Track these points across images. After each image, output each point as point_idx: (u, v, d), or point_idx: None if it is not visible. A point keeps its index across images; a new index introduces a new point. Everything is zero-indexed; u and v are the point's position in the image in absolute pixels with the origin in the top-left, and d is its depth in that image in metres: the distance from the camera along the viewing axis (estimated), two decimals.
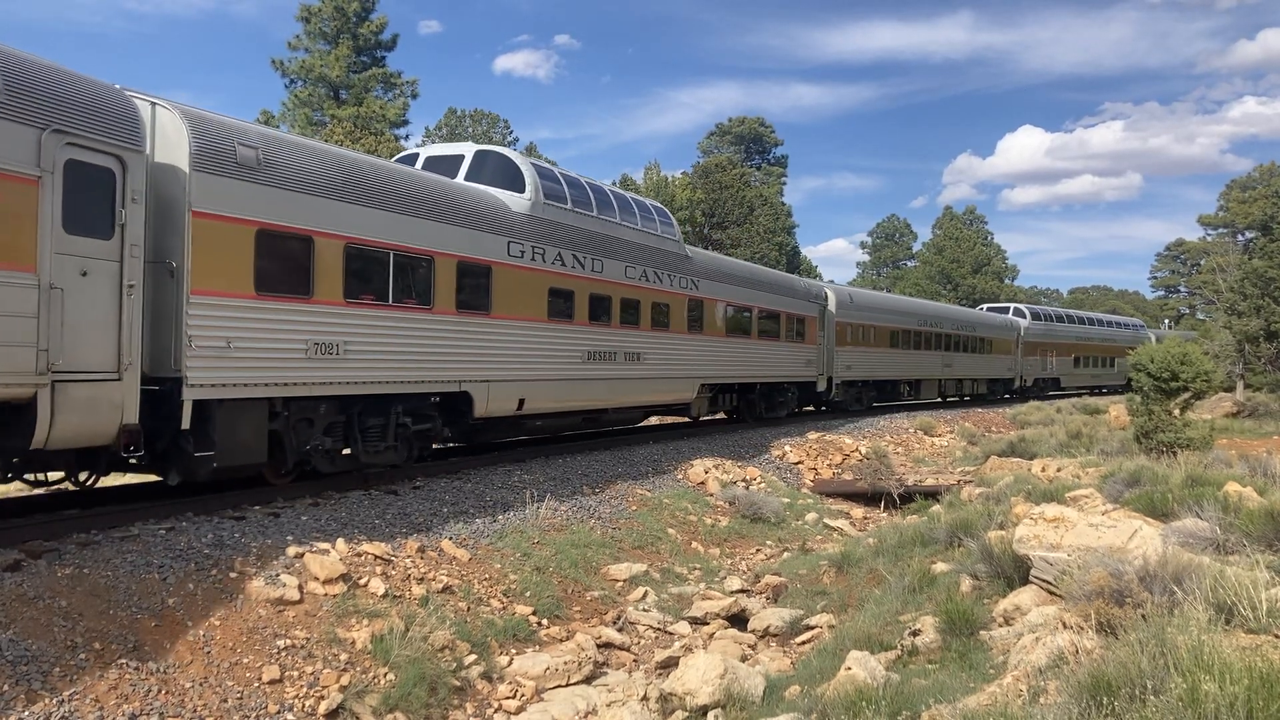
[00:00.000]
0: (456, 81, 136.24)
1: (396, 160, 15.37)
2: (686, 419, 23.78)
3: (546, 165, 16.47)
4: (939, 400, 39.51)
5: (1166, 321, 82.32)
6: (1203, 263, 77.38)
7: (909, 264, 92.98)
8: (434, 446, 14.73)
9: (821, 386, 28.32)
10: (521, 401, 14.59)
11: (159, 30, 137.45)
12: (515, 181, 15.32)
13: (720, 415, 25.43)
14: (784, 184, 79.97)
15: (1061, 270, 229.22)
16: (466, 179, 15.09)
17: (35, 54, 8.19)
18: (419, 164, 15.61)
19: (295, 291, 10.57)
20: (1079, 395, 48.50)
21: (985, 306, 53.24)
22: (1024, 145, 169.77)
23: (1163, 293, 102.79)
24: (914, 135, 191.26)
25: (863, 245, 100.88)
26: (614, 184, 57.34)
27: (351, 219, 11.35)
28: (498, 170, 15.44)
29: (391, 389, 12.11)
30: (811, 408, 30.42)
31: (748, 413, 25.10)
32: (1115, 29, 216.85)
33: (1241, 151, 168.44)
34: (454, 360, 13.14)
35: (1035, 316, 48.62)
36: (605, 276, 16.97)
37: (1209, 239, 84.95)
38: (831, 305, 28.98)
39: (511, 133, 57.50)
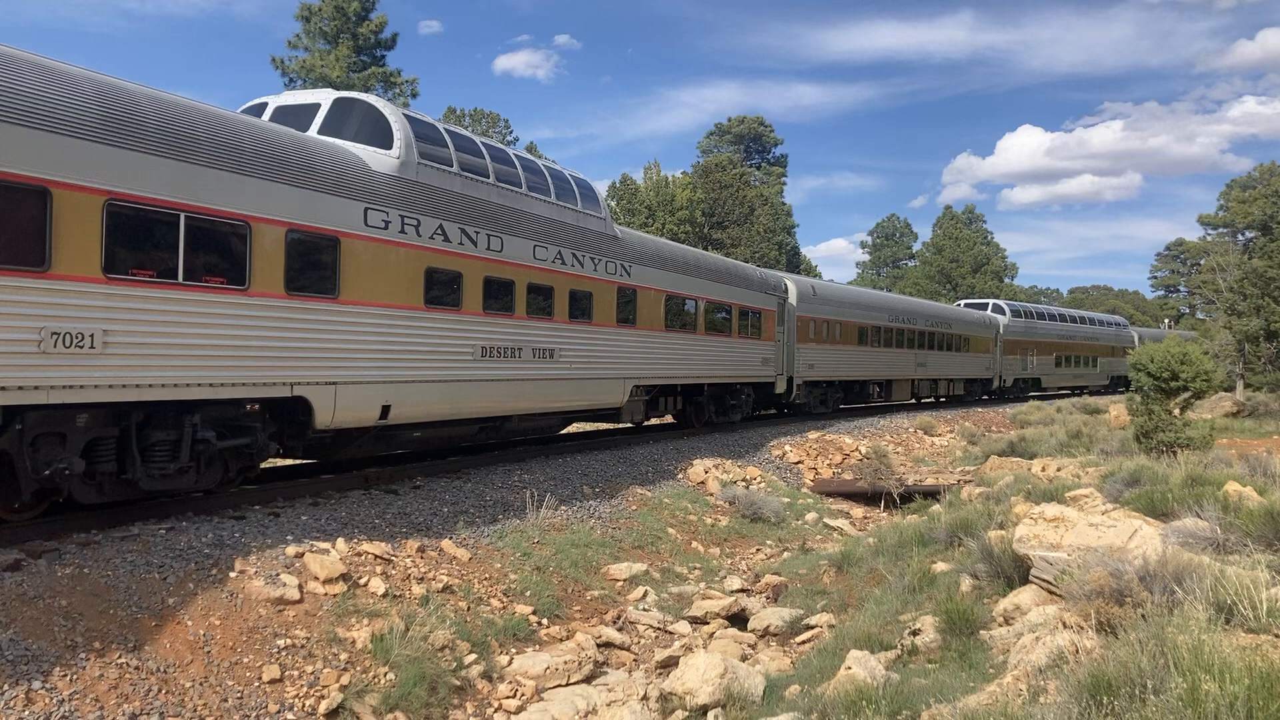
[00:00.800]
0: (456, 81, 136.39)
1: (242, 111, 12.49)
2: (615, 425, 20.68)
3: (429, 120, 13.43)
4: (912, 402, 37.19)
5: (1166, 321, 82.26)
6: (1203, 262, 77.40)
7: (909, 264, 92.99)
8: (262, 466, 11.84)
9: (781, 388, 25.81)
10: (386, 409, 11.79)
11: (160, 30, 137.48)
12: (382, 136, 12.44)
13: (667, 419, 23.25)
14: (784, 184, 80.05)
15: (1062, 270, 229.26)
16: (322, 133, 12.26)
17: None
18: (266, 115, 12.69)
19: (19, 263, 7.81)
20: (1060, 397, 46.42)
21: (963, 302, 50.95)
22: (1024, 145, 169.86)
23: (1163, 292, 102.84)
24: (914, 135, 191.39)
25: (863, 245, 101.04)
26: (615, 184, 57.55)
27: (115, 167, 8.56)
28: (362, 122, 12.60)
29: (183, 394, 9.25)
30: (773, 411, 28.47)
31: (695, 417, 22.50)
32: (1116, 29, 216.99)
33: (1241, 151, 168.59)
34: (281, 357, 10.29)
35: (1015, 313, 46.32)
36: (507, 257, 14.08)
37: (1209, 239, 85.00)
38: (792, 298, 26.60)
39: (511, 132, 57.52)
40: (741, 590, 12.60)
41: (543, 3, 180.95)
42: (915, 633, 8.16)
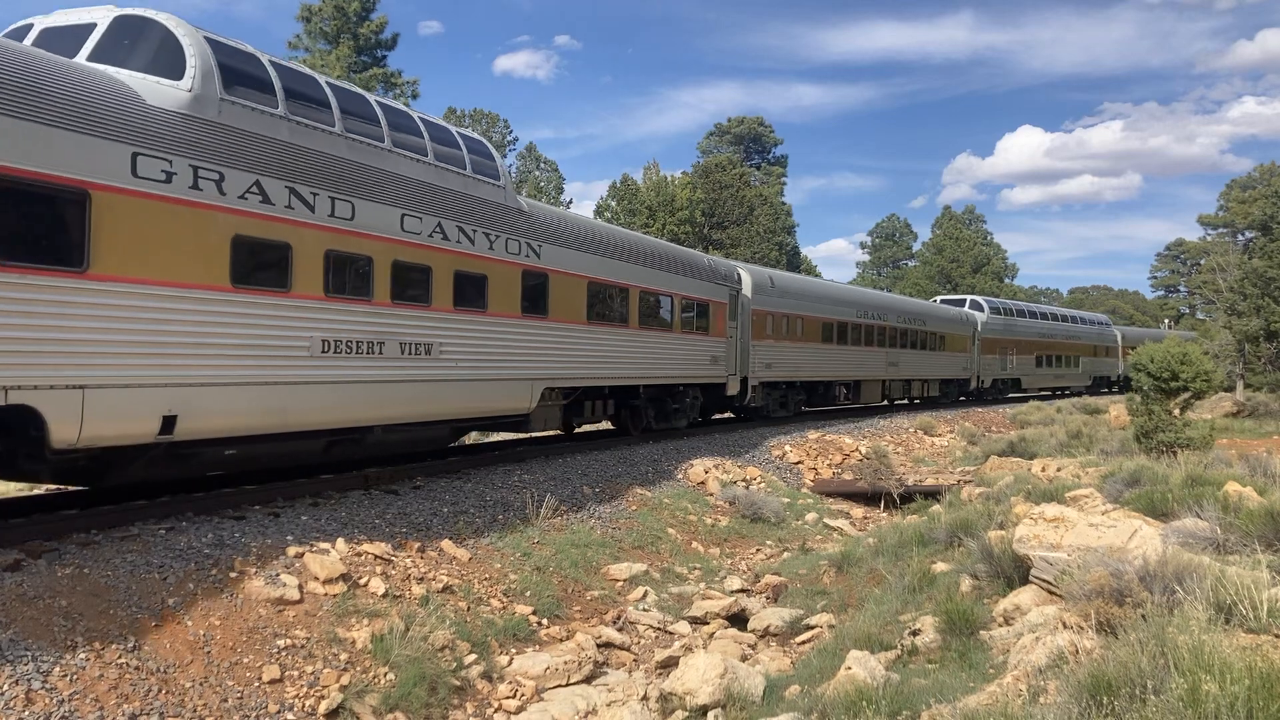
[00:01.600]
0: (457, 82, 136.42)
1: (4, 34, 10.24)
2: (523, 435, 17.87)
3: (249, 50, 10.69)
4: (885, 404, 35.12)
5: (1166, 322, 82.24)
6: (1203, 263, 77.42)
7: (909, 264, 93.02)
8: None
9: (733, 389, 23.18)
10: (170, 420, 8.95)
11: None
12: (170, 63, 9.60)
13: (604, 425, 21.01)
14: (784, 184, 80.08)
15: (1062, 270, 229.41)
16: (95, 59, 9.50)
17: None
18: (30, 39, 9.97)
19: None
20: (1041, 398, 45.18)
21: (939, 298, 48.51)
22: (1023, 145, 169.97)
23: (1163, 293, 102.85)
24: (914, 135, 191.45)
25: (863, 245, 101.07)
26: (615, 184, 57.52)
27: None
28: (146, 46, 9.75)
29: None
30: (728, 415, 26.16)
31: (631, 423, 19.97)
32: (1117, 29, 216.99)
33: (1241, 151, 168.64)
34: None
35: (994, 310, 43.92)
36: (361, 227, 11.32)
37: (1209, 239, 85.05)
38: (747, 290, 24.12)
39: (511, 132, 57.58)
40: (741, 590, 12.60)
41: (543, 3, 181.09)
42: (915, 633, 8.16)
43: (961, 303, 44.10)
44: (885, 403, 34.88)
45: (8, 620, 6.71)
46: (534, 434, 17.62)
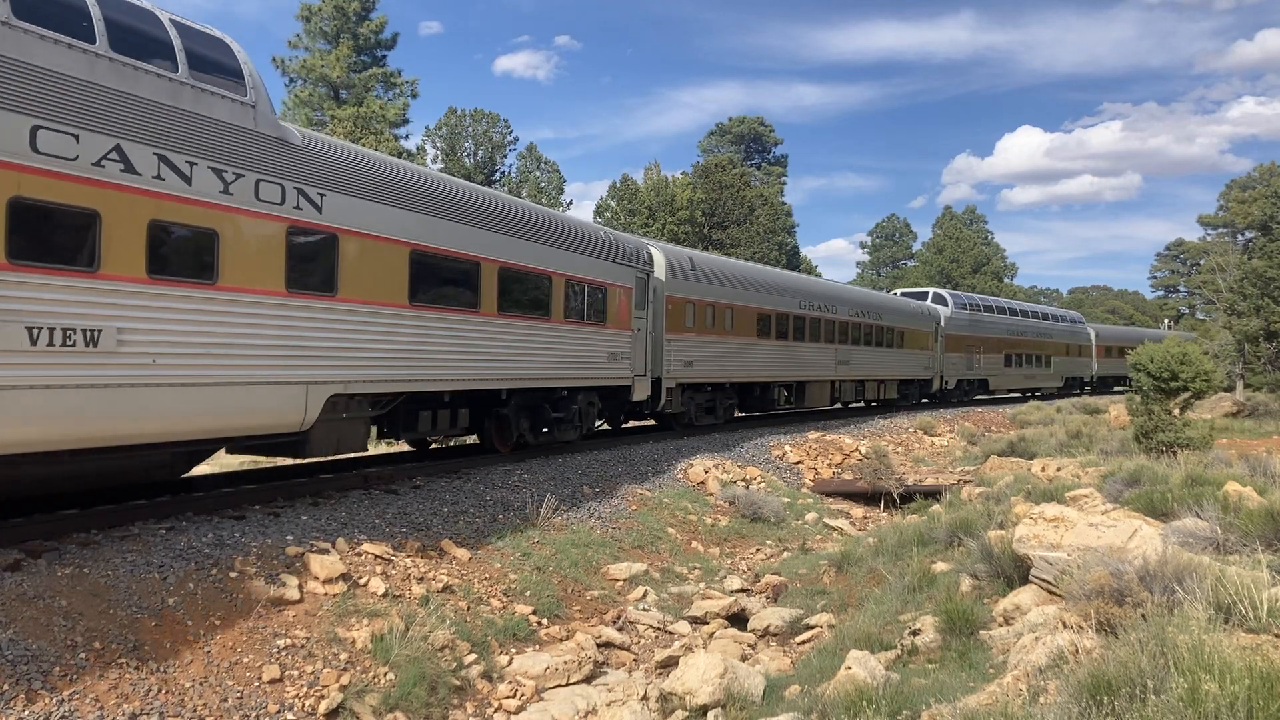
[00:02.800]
0: (457, 82, 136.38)
1: None
2: (301, 460, 13.26)
3: None
4: (837, 408, 31.89)
5: (1167, 321, 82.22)
6: (1202, 263, 77.43)
7: (909, 264, 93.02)
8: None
9: (642, 392, 19.15)
10: None
11: None
12: None
13: (470, 441, 17.71)
14: (784, 183, 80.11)
15: (1062, 270, 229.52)
16: None
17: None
18: None
19: None
20: (1010, 401, 42.80)
21: (900, 290, 44.62)
22: (1023, 145, 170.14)
23: (1162, 293, 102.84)
24: (914, 135, 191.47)
25: (863, 245, 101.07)
26: (615, 184, 57.55)
27: None
28: None
29: None
30: (644, 423, 22.79)
31: (498, 437, 15.84)
32: (1117, 29, 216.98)
33: (1241, 152, 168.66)
34: None
35: (960, 305, 40.33)
36: None
37: (1209, 239, 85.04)
38: (660, 272, 20.30)
39: (511, 132, 57.57)
40: (741, 590, 12.60)
41: (543, 3, 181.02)
42: (915, 633, 8.16)
43: (924, 296, 40.48)
44: (838, 406, 31.58)
45: (8, 620, 6.71)
46: (314, 458, 12.71)
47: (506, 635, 9.53)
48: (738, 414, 25.65)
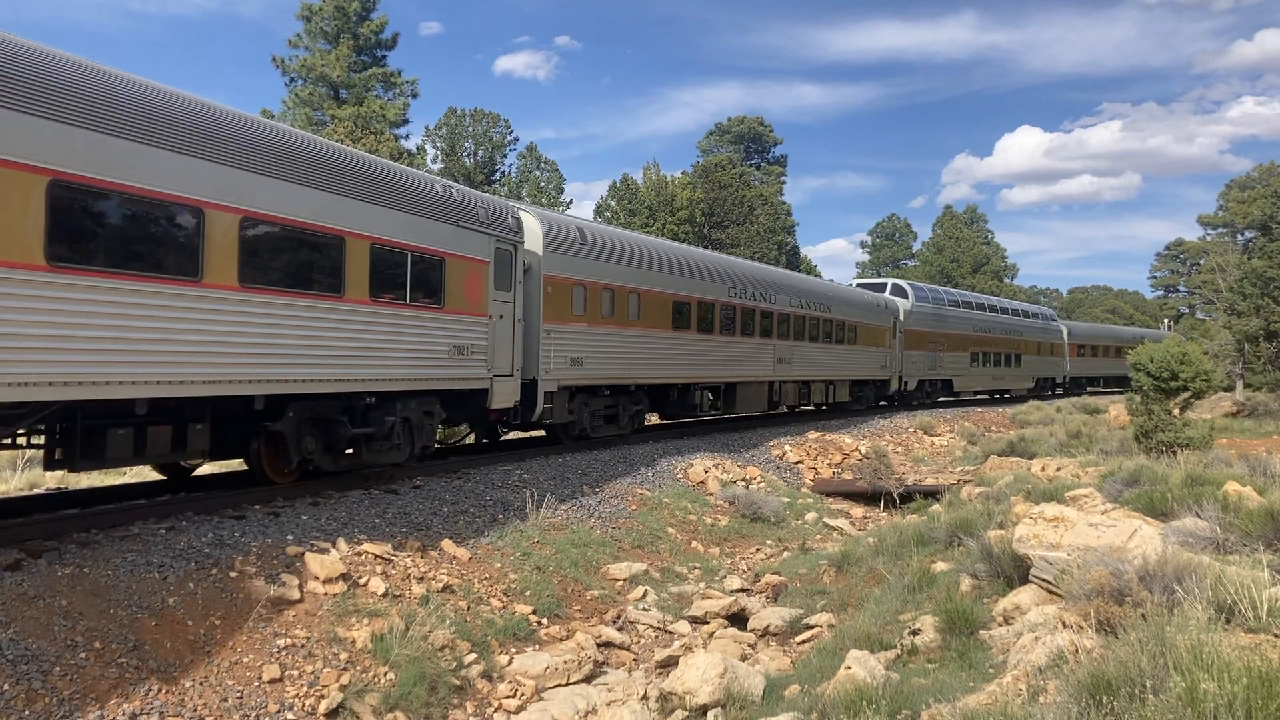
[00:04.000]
0: (457, 82, 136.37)
1: None
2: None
3: None
4: (784, 411, 27.77)
5: (1166, 321, 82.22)
6: (1202, 262, 77.46)
7: (909, 264, 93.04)
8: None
9: (505, 399, 14.88)
10: None
11: (163, 30, 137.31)
12: None
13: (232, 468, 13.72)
14: (783, 183, 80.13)
15: (1062, 270, 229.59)
16: None
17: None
18: None
19: None
20: (976, 403, 40.04)
21: (856, 281, 40.62)
22: (1022, 145, 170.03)
23: (1162, 293, 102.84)
24: (915, 135, 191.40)
25: (863, 245, 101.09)
26: (615, 184, 57.53)
27: None
28: None
29: None
30: (509, 437, 18.73)
31: (268, 464, 11.39)
32: (1118, 29, 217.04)
33: (1240, 152, 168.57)
34: None
35: (921, 297, 36.50)
36: None
37: (1209, 239, 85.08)
38: (535, 244, 16.05)
39: (512, 132, 57.58)
40: (741, 590, 12.61)
41: (543, 3, 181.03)
42: (915, 632, 8.16)
43: (881, 287, 36.29)
44: (786, 409, 27.63)
45: (8, 620, 6.71)
46: None
47: (506, 635, 9.53)
48: (659, 421, 22.65)
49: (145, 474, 13.97)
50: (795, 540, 15.63)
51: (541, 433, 18.98)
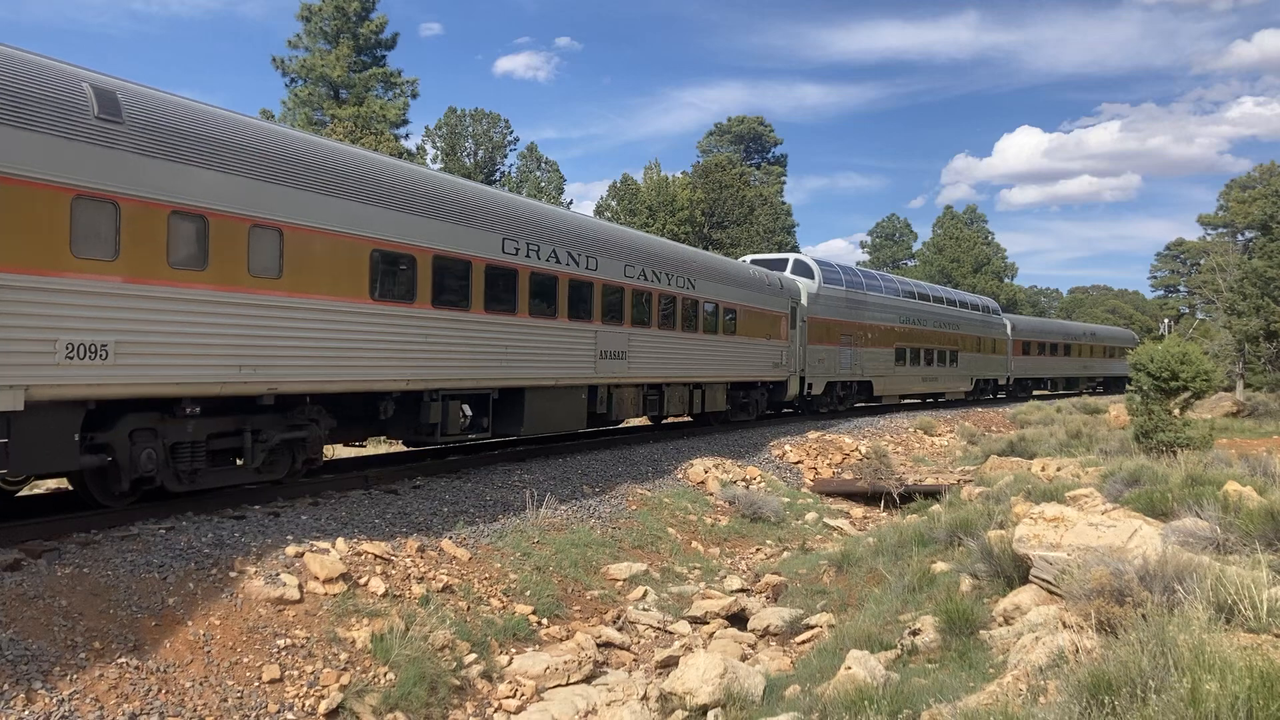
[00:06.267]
0: (457, 82, 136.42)
1: None
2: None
3: None
4: (586, 431, 19.26)
5: (1166, 321, 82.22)
6: (1203, 262, 77.44)
7: (909, 263, 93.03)
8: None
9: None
10: None
11: (165, 30, 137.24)
12: None
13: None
14: (783, 183, 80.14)
15: (1062, 270, 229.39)
16: None
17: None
18: None
19: None
20: (905, 408, 34.15)
21: (750, 257, 31.15)
22: (1022, 145, 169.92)
23: (1162, 293, 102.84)
24: (916, 135, 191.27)
25: (863, 245, 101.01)
26: (615, 184, 57.55)
27: None
28: None
29: None
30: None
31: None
32: (1120, 29, 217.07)
33: (1240, 152, 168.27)
34: None
35: (831, 278, 29.17)
36: None
37: (1209, 239, 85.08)
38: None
39: (512, 132, 57.61)
40: (741, 590, 12.60)
41: (544, 4, 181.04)
42: (915, 632, 8.16)
43: (781, 264, 28.51)
44: (633, 424, 21.86)
45: (8, 620, 6.71)
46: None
47: (506, 635, 9.52)
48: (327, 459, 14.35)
49: None
50: (795, 540, 15.63)
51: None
